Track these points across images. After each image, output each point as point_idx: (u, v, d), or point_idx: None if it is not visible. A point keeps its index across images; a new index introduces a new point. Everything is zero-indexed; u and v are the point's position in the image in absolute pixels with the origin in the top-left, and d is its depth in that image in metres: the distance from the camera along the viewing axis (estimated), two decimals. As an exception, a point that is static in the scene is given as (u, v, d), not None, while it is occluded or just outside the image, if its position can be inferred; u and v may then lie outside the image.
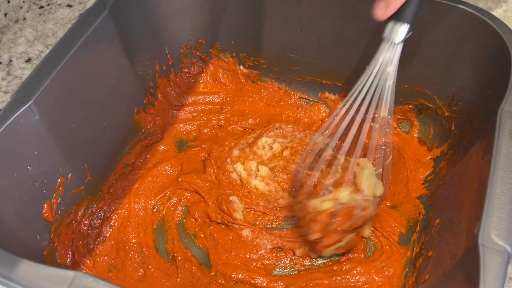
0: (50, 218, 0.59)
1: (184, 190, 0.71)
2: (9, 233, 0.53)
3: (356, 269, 0.63)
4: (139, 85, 0.73)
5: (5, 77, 0.78)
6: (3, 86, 0.77)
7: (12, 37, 0.85)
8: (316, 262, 0.65)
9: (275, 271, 0.64)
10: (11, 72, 0.79)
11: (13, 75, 0.78)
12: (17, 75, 0.78)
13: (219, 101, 0.82)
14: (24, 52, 0.83)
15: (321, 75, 0.78)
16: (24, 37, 0.86)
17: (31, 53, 0.82)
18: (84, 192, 0.65)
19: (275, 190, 0.71)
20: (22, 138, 0.53)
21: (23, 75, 0.79)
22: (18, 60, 0.81)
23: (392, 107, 0.62)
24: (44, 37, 0.85)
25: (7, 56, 0.82)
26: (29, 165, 0.55)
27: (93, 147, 0.66)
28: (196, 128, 0.80)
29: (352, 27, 0.69)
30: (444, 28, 0.63)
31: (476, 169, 0.54)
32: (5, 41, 0.85)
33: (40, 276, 0.40)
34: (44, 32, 0.86)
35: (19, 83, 0.79)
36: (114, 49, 0.65)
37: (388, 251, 0.64)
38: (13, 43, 0.84)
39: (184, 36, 0.79)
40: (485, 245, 0.43)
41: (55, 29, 0.87)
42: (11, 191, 0.53)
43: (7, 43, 0.84)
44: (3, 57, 0.82)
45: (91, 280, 0.40)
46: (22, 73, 0.79)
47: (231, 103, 0.82)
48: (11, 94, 0.76)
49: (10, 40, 0.85)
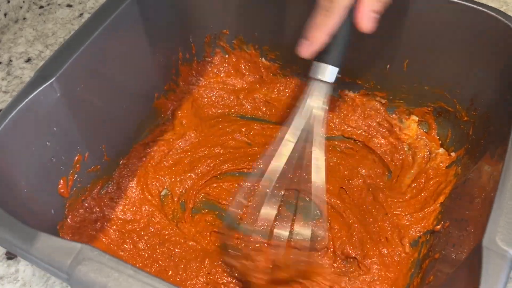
0: (66, 194, 0.61)
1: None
2: (25, 206, 0.54)
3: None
4: (161, 71, 0.74)
5: (5, 77, 0.80)
6: (3, 86, 0.79)
7: (12, 37, 0.86)
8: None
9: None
10: (11, 72, 0.80)
11: (13, 75, 0.80)
12: (17, 75, 0.80)
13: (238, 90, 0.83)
14: (24, 52, 0.84)
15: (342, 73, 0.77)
16: (24, 37, 0.87)
17: (31, 53, 0.84)
18: (100, 171, 0.66)
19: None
20: (42, 114, 0.54)
21: (23, 75, 0.80)
22: (18, 60, 0.83)
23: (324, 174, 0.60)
24: (44, 37, 0.87)
25: (7, 56, 0.83)
26: (47, 141, 0.56)
27: (111, 128, 0.67)
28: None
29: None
30: (464, 30, 0.63)
31: (489, 174, 0.54)
32: (5, 41, 0.86)
33: (48, 246, 0.42)
34: (44, 32, 0.87)
35: (19, 83, 0.81)
36: (138, 34, 0.67)
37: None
38: (13, 43, 0.86)
39: (209, 26, 0.80)
40: (489, 248, 0.43)
41: (55, 29, 0.88)
42: (29, 165, 0.55)
43: (7, 43, 0.85)
44: (3, 57, 0.83)
45: (96, 253, 0.41)
46: (22, 73, 0.80)
47: (249, 93, 0.82)
48: (11, 94, 0.78)
49: (10, 40, 0.86)
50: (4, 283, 0.60)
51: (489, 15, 0.60)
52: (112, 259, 0.41)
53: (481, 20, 0.60)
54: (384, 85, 0.75)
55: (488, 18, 0.60)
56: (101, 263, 0.40)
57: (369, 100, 0.78)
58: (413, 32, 0.66)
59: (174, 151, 0.75)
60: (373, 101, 0.78)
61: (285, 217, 0.67)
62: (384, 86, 0.75)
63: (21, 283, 0.61)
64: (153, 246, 0.65)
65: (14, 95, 0.76)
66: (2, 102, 0.77)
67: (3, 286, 0.60)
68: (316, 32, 0.54)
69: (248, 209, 0.67)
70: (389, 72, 0.72)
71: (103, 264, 0.40)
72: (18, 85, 0.79)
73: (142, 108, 0.73)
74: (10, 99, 0.77)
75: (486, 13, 0.60)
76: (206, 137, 0.77)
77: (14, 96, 0.52)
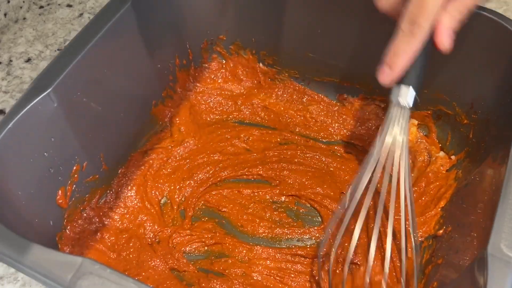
0: (64, 205, 0.60)
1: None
2: (23, 218, 0.54)
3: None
4: (158, 78, 0.74)
5: (5, 77, 0.79)
6: (3, 86, 0.78)
7: (12, 37, 0.86)
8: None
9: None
10: (11, 72, 0.79)
11: (13, 75, 0.79)
12: (17, 75, 0.79)
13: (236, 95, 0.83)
14: (24, 52, 0.84)
15: (340, 77, 0.77)
16: (24, 37, 0.86)
17: (31, 53, 0.83)
18: (98, 181, 0.66)
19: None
20: (39, 125, 0.54)
21: (23, 75, 0.80)
22: (18, 60, 0.82)
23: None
24: (44, 37, 0.86)
25: (7, 56, 0.83)
26: (45, 152, 0.56)
27: (109, 137, 0.66)
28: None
29: (373, 31, 0.69)
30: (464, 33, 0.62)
31: (491, 178, 0.53)
32: (5, 41, 0.85)
33: (48, 261, 0.41)
34: (44, 32, 0.87)
35: (19, 83, 0.80)
36: (135, 41, 0.66)
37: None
38: (13, 43, 0.85)
39: (206, 31, 0.79)
40: (494, 255, 0.42)
41: (55, 29, 0.88)
42: (26, 176, 0.54)
43: (7, 43, 0.85)
44: (3, 57, 0.83)
45: (97, 267, 0.40)
46: (22, 73, 0.80)
47: (247, 98, 0.82)
48: (11, 94, 0.77)
49: (10, 40, 0.85)
50: (4, 283, 0.60)
51: (488, 18, 0.59)
52: (114, 272, 0.40)
53: (480, 23, 0.60)
54: (383, 89, 0.75)
55: (488, 21, 0.59)
56: (103, 277, 0.40)
57: (368, 104, 0.77)
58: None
59: (172, 159, 0.74)
60: (372, 105, 0.77)
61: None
62: (383, 90, 0.75)
63: (21, 283, 0.60)
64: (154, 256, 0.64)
65: (14, 95, 0.76)
66: (2, 102, 0.77)
67: (3, 286, 0.59)
68: (398, 59, 0.51)
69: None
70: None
71: (104, 278, 0.40)
72: (18, 85, 0.79)
73: (140, 116, 0.72)
74: (10, 99, 0.77)
75: (486, 16, 0.59)
76: (204, 143, 0.77)
77: (11, 106, 0.52)
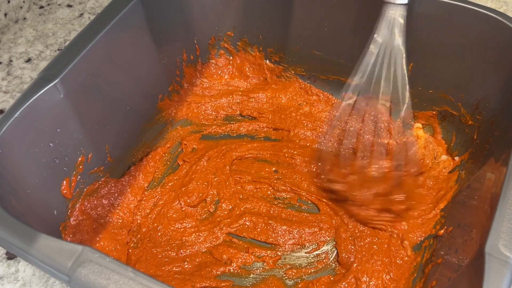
0: (69, 195, 0.61)
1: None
2: (27, 207, 0.54)
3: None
4: (165, 73, 0.74)
5: (5, 77, 0.80)
6: (3, 86, 0.79)
7: (12, 37, 0.86)
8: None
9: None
10: (11, 72, 0.80)
11: (13, 75, 0.80)
12: (17, 75, 0.80)
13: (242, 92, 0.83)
14: (24, 52, 0.84)
15: (346, 75, 0.77)
16: (24, 37, 0.87)
17: (31, 53, 0.84)
18: (103, 172, 0.66)
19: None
20: (45, 115, 0.54)
21: (23, 75, 0.81)
22: (18, 60, 0.83)
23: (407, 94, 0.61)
24: (44, 37, 0.87)
25: (7, 56, 0.83)
26: (51, 142, 0.56)
27: (115, 129, 0.67)
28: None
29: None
30: (469, 33, 0.62)
31: (493, 179, 0.53)
32: (5, 41, 0.86)
33: (49, 248, 0.42)
34: (44, 32, 0.87)
35: (19, 83, 0.81)
36: (143, 36, 0.67)
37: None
38: (13, 43, 0.86)
39: (214, 27, 0.80)
40: (491, 255, 0.42)
41: (55, 29, 0.88)
42: (32, 166, 0.55)
43: (7, 43, 0.85)
44: (3, 57, 0.83)
45: (97, 256, 0.41)
46: (22, 73, 0.80)
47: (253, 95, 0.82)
48: (11, 94, 0.78)
49: (10, 40, 0.86)
50: (4, 283, 0.60)
51: (492, 17, 0.59)
52: (113, 261, 0.41)
53: (484, 23, 0.60)
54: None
55: (491, 21, 0.59)
56: (102, 265, 0.40)
57: (373, 103, 0.77)
58: (417, 36, 0.66)
59: (177, 153, 0.75)
60: (377, 104, 0.77)
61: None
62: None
63: (21, 283, 0.61)
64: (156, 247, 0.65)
65: (14, 95, 0.77)
66: (2, 102, 0.78)
67: (3, 286, 0.60)
68: None
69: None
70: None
71: (103, 266, 0.40)
72: (18, 85, 0.80)
73: (146, 109, 0.73)
74: (10, 99, 0.78)
75: (491, 17, 0.59)
76: (209, 138, 0.77)
77: (18, 96, 0.52)
